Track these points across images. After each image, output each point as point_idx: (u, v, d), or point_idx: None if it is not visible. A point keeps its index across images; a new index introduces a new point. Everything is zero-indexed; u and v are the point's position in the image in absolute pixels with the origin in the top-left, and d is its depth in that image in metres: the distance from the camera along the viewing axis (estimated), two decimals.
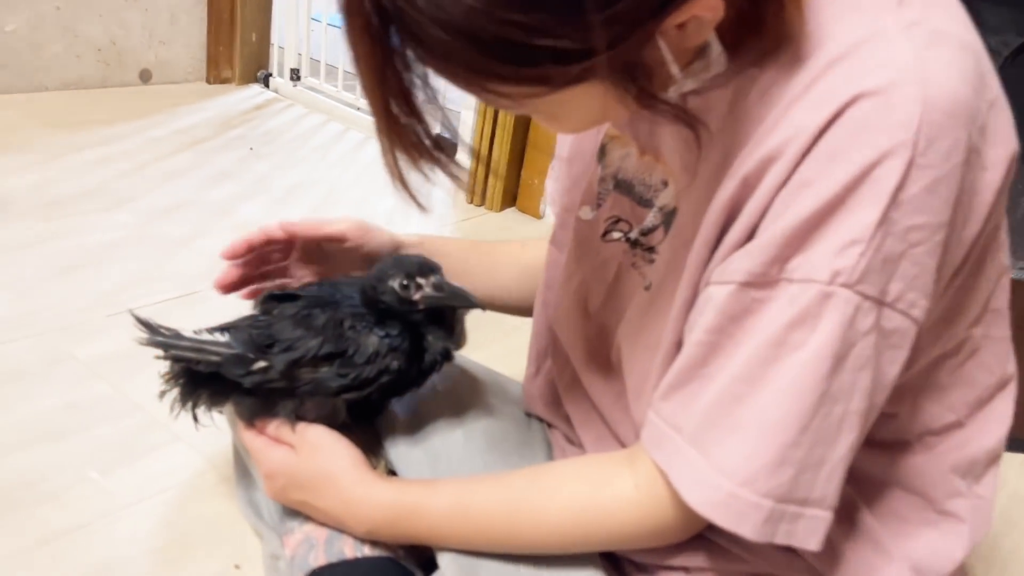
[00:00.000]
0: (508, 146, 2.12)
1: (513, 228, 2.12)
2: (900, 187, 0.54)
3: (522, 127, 2.14)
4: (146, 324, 0.81)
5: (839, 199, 0.55)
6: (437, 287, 0.81)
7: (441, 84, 0.57)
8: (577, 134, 0.87)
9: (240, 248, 0.88)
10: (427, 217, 2.07)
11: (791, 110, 0.58)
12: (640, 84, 0.56)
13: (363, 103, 2.65)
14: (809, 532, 0.61)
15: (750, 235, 0.60)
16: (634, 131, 0.78)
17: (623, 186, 0.80)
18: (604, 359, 0.83)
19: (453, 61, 0.53)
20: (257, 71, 2.84)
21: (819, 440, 0.59)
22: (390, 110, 0.58)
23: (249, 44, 2.78)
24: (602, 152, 0.83)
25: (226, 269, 0.89)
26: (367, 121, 2.61)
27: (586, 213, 0.85)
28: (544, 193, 2.20)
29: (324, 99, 2.75)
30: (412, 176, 0.63)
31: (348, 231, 0.90)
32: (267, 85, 2.84)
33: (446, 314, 0.84)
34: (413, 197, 0.64)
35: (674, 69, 0.57)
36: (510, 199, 2.22)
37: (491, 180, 2.17)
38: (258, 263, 0.91)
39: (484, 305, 0.82)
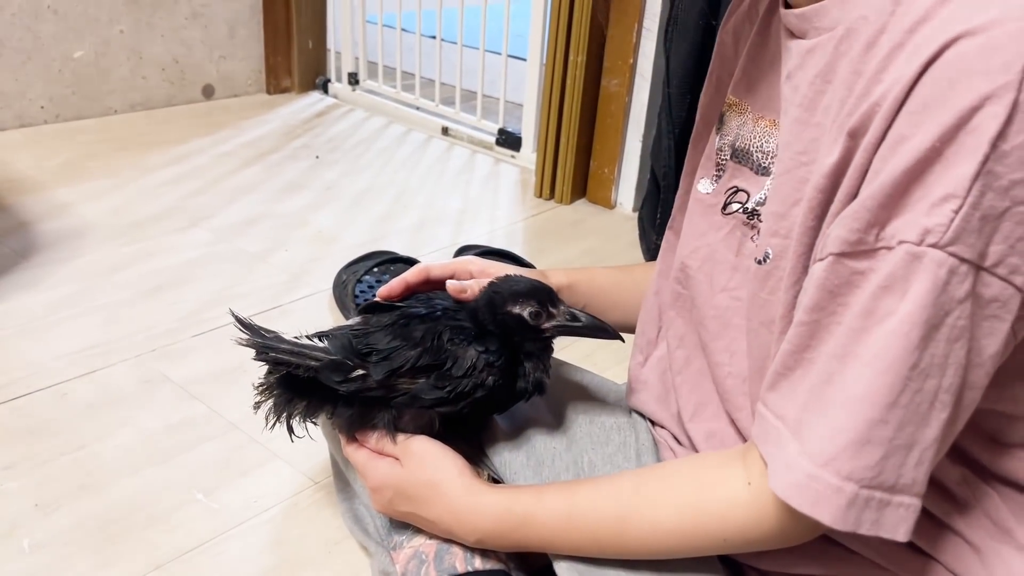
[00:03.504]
0: (575, 136, 2.07)
1: (585, 220, 2.09)
2: (1001, 135, 0.49)
3: (588, 116, 2.09)
4: (248, 326, 0.81)
5: (935, 152, 0.50)
6: (572, 317, 0.82)
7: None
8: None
9: (397, 289, 0.90)
10: (494, 214, 2.06)
11: (893, 59, 0.54)
12: None
13: (423, 103, 2.65)
14: (898, 521, 0.55)
15: (853, 200, 0.56)
16: (751, 94, 0.75)
17: (741, 155, 0.77)
18: (730, 339, 0.80)
19: None
20: (316, 78, 2.86)
21: (909, 419, 0.54)
22: None
23: (306, 51, 2.80)
24: (720, 121, 0.80)
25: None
26: (428, 121, 2.61)
27: (705, 186, 0.82)
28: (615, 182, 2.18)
29: (384, 101, 2.75)
30: None
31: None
32: (326, 91, 2.85)
33: (549, 347, 0.84)
34: None
35: None
36: (580, 190, 2.18)
37: (559, 172, 2.13)
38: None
39: (623, 337, 0.80)
